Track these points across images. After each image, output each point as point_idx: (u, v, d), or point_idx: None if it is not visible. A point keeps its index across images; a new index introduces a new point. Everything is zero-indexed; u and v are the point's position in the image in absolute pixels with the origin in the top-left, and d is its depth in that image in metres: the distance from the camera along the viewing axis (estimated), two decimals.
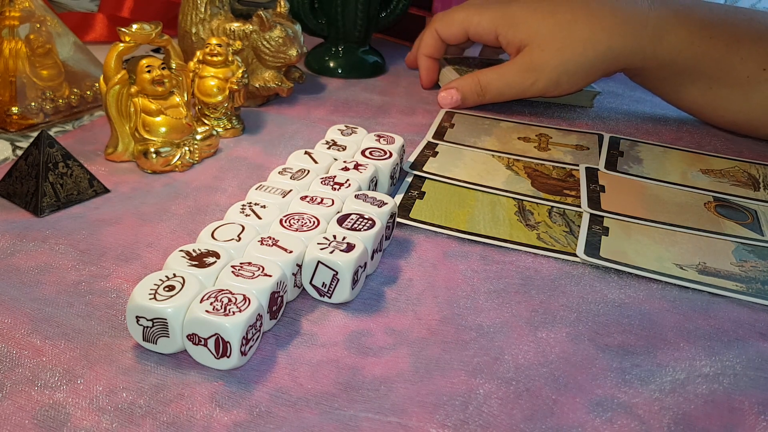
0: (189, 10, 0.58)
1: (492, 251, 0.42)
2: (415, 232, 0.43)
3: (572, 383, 0.32)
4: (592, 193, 0.48)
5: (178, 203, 0.45)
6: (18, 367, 0.31)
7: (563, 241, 0.43)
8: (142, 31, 0.47)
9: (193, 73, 0.52)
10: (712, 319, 0.37)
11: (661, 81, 0.59)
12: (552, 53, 0.57)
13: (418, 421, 0.29)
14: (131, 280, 0.37)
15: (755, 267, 0.41)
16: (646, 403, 0.31)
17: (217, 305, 0.30)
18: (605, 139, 0.57)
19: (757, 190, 0.51)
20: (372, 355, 0.33)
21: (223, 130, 0.54)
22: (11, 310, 0.34)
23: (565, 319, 0.36)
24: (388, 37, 0.82)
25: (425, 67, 0.67)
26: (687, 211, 0.47)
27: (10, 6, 0.52)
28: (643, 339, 0.35)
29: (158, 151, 0.47)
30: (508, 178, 0.50)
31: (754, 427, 0.30)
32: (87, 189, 0.44)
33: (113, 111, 0.47)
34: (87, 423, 0.28)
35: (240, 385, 0.31)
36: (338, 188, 0.42)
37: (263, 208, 0.39)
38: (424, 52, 0.66)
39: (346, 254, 0.35)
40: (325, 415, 0.29)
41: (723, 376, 0.33)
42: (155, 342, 0.31)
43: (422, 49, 0.66)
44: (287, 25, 0.57)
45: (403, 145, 0.49)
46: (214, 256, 0.34)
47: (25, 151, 0.43)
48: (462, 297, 0.38)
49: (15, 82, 0.52)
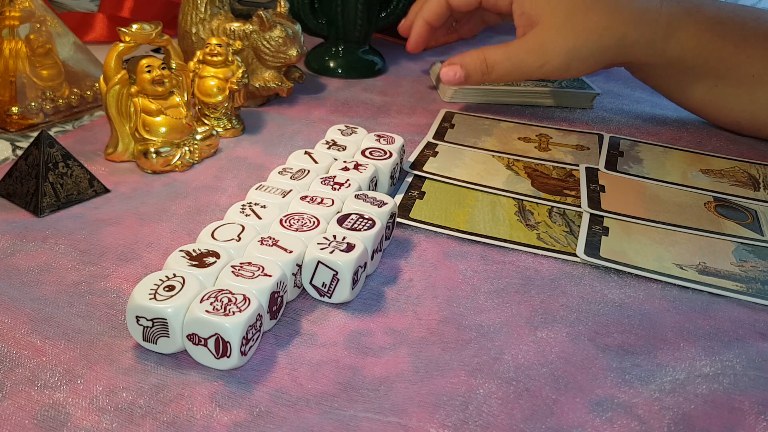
0: (189, 10, 0.58)
1: (492, 251, 0.42)
2: (415, 232, 0.43)
3: (572, 383, 0.32)
4: (592, 193, 0.48)
5: (178, 203, 0.45)
6: (18, 367, 0.31)
7: (563, 241, 0.43)
8: (142, 31, 0.47)
9: (193, 73, 0.52)
10: (712, 319, 0.37)
11: (667, 78, 0.59)
12: (565, 36, 0.55)
13: (418, 421, 0.29)
14: (131, 280, 0.37)
15: (755, 267, 0.41)
16: (646, 403, 0.31)
17: (217, 305, 0.30)
18: (605, 139, 0.57)
19: (757, 190, 0.51)
20: (372, 355, 0.33)
21: (223, 130, 0.54)
22: (11, 310, 0.34)
23: (565, 319, 0.36)
24: (388, 37, 0.81)
25: (419, 33, 0.64)
26: (687, 211, 0.47)
27: (10, 6, 0.52)
28: (643, 339, 0.35)
29: (158, 151, 0.47)
30: (508, 178, 0.50)
31: (754, 427, 0.30)
32: (87, 189, 0.44)
33: (113, 111, 0.47)
34: (87, 423, 0.28)
35: (240, 385, 0.31)
36: (338, 188, 0.42)
37: (263, 208, 0.39)
38: (425, 16, 0.63)
39: (346, 254, 0.35)
40: (325, 415, 0.29)
41: (723, 376, 0.33)
42: (155, 342, 0.31)
43: (423, 13, 0.63)
44: (287, 25, 0.57)
45: (403, 145, 0.49)
46: (214, 256, 0.34)
47: (25, 151, 0.43)
48: (462, 297, 0.38)
49: (15, 82, 0.52)
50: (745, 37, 0.55)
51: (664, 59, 0.56)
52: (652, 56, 0.56)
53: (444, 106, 0.63)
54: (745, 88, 0.56)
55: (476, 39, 0.84)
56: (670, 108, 0.66)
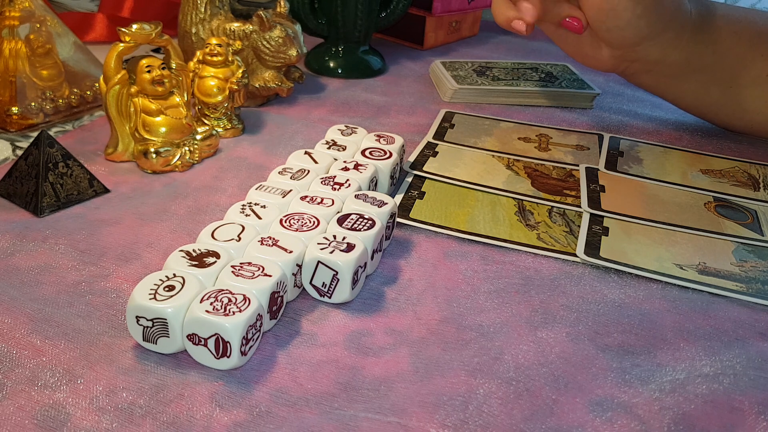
0: (189, 10, 0.58)
1: (492, 251, 0.42)
2: (415, 232, 0.43)
3: (572, 383, 0.32)
4: (592, 193, 0.48)
5: (178, 203, 0.45)
6: (18, 367, 0.31)
7: (563, 241, 0.43)
8: (142, 31, 0.47)
9: (193, 73, 0.52)
10: (712, 319, 0.37)
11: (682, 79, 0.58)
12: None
13: (418, 421, 0.29)
14: (131, 280, 0.37)
15: (755, 267, 0.41)
16: (646, 403, 0.31)
17: (217, 305, 0.30)
18: (605, 139, 0.57)
19: (757, 190, 0.51)
20: (372, 355, 0.33)
21: (223, 130, 0.54)
22: (11, 310, 0.34)
23: (565, 319, 0.36)
24: (388, 37, 0.82)
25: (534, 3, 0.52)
26: (687, 211, 0.47)
27: (10, 6, 0.52)
28: (643, 339, 0.35)
29: (158, 151, 0.47)
30: (508, 178, 0.50)
31: (754, 427, 0.30)
32: (87, 189, 0.44)
33: (113, 111, 0.47)
34: (87, 423, 0.28)
35: (240, 385, 0.31)
36: (338, 188, 0.42)
37: (263, 208, 0.39)
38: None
39: (346, 254, 0.35)
40: (325, 415, 0.29)
41: (723, 376, 0.33)
42: (155, 342, 0.31)
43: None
44: (287, 25, 0.57)
45: (403, 145, 0.49)
46: (214, 256, 0.34)
47: (25, 151, 0.43)
48: (462, 297, 0.38)
49: (15, 82, 0.52)
50: (759, 35, 0.55)
51: (685, 54, 0.55)
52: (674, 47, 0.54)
53: (444, 106, 0.63)
54: (759, 88, 0.56)
55: (477, 39, 0.84)
56: (670, 108, 0.66)
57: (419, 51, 0.78)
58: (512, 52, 0.80)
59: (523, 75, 0.68)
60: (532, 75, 0.68)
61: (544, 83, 0.66)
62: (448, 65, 0.69)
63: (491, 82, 0.66)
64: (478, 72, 0.68)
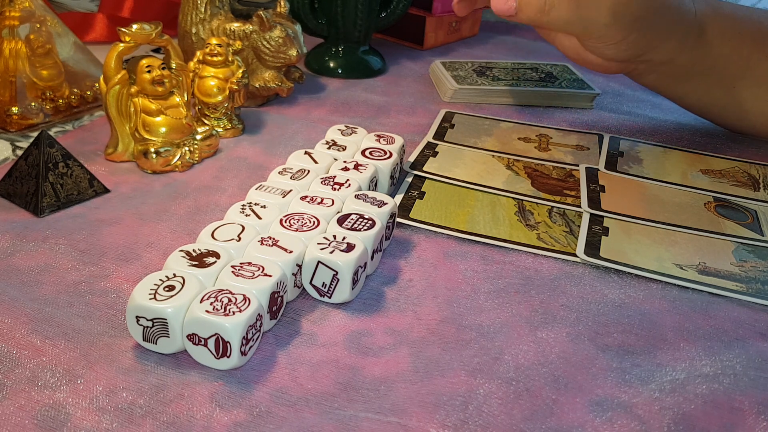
0: (189, 10, 0.58)
1: (492, 251, 0.42)
2: (415, 232, 0.43)
3: (572, 383, 0.32)
4: (592, 193, 0.48)
5: (178, 203, 0.45)
6: (18, 367, 0.31)
7: (563, 241, 0.43)
8: (142, 31, 0.47)
9: (193, 73, 0.52)
10: (712, 319, 0.37)
11: (686, 79, 0.57)
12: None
13: (418, 421, 0.29)
14: (131, 280, 0.37)
15: (755, 267, 0.41)
16: (646, 403, 0.31)
17: (217, 305, 0.30)
18: (605, 139, 0.57)
19: (757, 190, 0.51)
20: (372, 355, 0.33)
21: (223, 130, 0.54)
22: (11, 310, 0.34)
23: (565, 319, 0.36)
24: (388, 37, 0.81)
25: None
26: (687, 211, 0.47)
27: (10, 6, 0.52)
28: (643, 339, 0.35)
29: (158, 151, 0.47)
30: (508, 178, 0.50)
31: (754, 427, 0.30)
32: (87, 189, 0.44)
33: (113, 111, 0.47)
34: (87, 423, 0.28)
35: (240, 385, 0.31)
36: (338, 188, 0.42)
37: (263, 208, 0.39)
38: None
39: (346, 254, 0.35)
40: (325, 415, 0.29)
41: (723, 376, 0.33)
42: (155, 342, 0.31)
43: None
44: (287, 25, 0.57)
45: (403, 145, 0.49)
46: (214, 256, 0.34)
47: (25, 151, 0.43)
48: (462, 297, 0.38)
49: (15, 82, 0.52)
50: (763, 35, 0.55)
51: (690, 57, 0.55)
52: (680, 52, 0.54)
53: (444, 106, 0.63)
54: (763, 88, 0.56)
55: (477, 39, 0.84)
56: (670, 108, 0.66)
57: (419, 51, 0.78)
58: (512, 52, 0.80)
59: (523, 75, 0.68)
60: (532, 75, 0.68)
61: (544, 83, 0.66)
62: (448, 65, 0.69)
63: (491, 82, 0.66)
64: (478, 72, 0.68)
